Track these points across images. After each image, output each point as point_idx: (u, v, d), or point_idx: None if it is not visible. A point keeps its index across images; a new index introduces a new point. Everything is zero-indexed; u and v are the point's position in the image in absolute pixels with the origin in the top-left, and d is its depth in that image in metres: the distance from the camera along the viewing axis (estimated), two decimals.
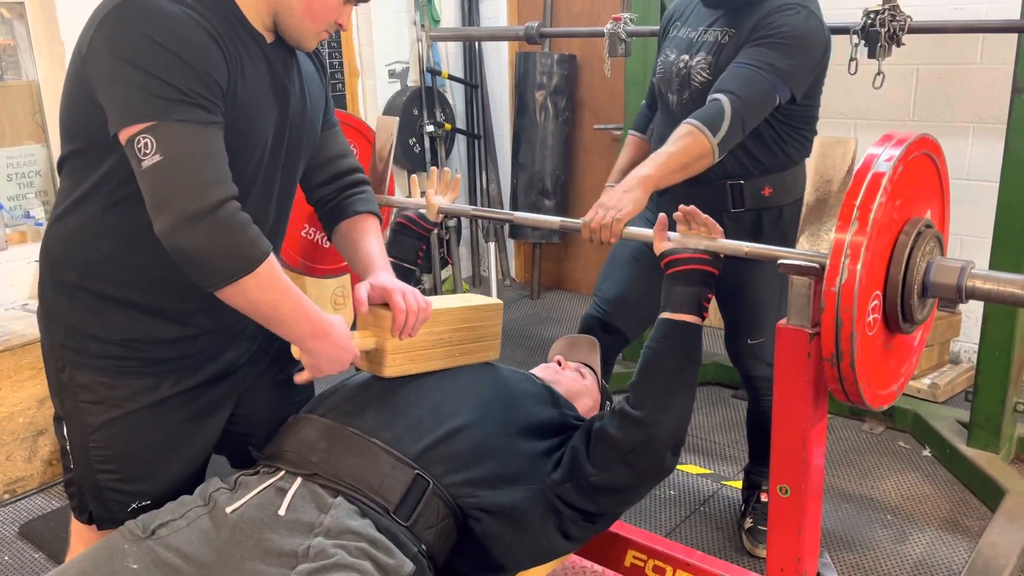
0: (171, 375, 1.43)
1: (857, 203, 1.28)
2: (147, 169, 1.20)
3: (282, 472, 1.40)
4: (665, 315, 1.56)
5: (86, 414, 1.41)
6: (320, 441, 1.44)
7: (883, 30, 2.43)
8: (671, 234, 1.63)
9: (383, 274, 1.56)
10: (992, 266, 2.58)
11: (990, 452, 2.68)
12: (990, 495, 2.54)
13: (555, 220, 1.84)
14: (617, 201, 1.74)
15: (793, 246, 1.97)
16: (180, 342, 1.43)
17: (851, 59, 2.47)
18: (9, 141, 3.11)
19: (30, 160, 3.16)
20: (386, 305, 1.50)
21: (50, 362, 1.44)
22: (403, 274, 1.69)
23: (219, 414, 1.52)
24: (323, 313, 1.40)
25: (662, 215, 1.62)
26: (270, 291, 1.30)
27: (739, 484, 2.75)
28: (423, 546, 1.37)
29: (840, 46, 3.00)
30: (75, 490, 1.49)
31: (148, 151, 1.19)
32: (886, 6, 2.45)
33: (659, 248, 1.61)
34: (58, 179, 1.43)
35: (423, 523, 1.38)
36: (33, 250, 3.09)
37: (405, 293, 1.50)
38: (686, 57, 2.06)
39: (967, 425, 2.77)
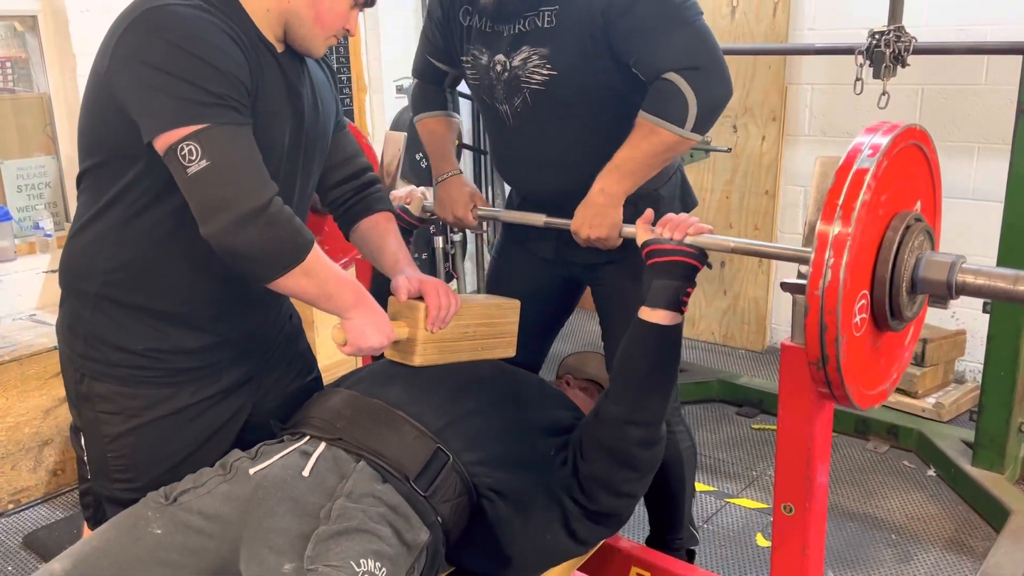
0: (190, 385, 1.45)
1: (841, 198, 1.23)
2: (194, 175, 1.21)
3: (307, 437, 1.44)
4: (642, 311, 1.51)
5: (104, 424, 1.43)
6: (345, 409, 1.48)
7: (888, 51, 2.45)
8: (627, 228, 1.62)
9: (410, 269, 1.62)
10: None
11: (995, 472, 2.67)
12: (995, 515, 2.53)
13: (540, 217, 1.79)
14: (599, 223, 1.66)
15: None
16: (201, 351, 1.45)
17: (856, 79, 2.49)
18: (20, 153, 3.13)
19: (40, 172, 3.18)
20: (419, 298, 1.57)
21: (69, 373, 1.46)
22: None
23: (235, 423, 1.53)
24: (363, 287, 1.46)
25: (649, 211, 1.58)
26: (318, 273, 1.34)
27: (743, 501, 2.74)
28: (439, 518, 1.40)
29: (845, 66, 3.02)
30: (91, 500, 1.51)
31: (194, 157, 1.21)
32: (891, 27, 2.46)
33: (641, 238, 1.57)
34: (68, 190, 1.45)
35: (440, 496, 1.41)
36: (42, 261, 3.11)
37: (439, 287, 1.57)
38: (501, 57, 1.73)
39: (972, 445, 2.76)
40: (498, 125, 1.84)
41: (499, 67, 1.74)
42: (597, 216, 1.66)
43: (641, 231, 1.57)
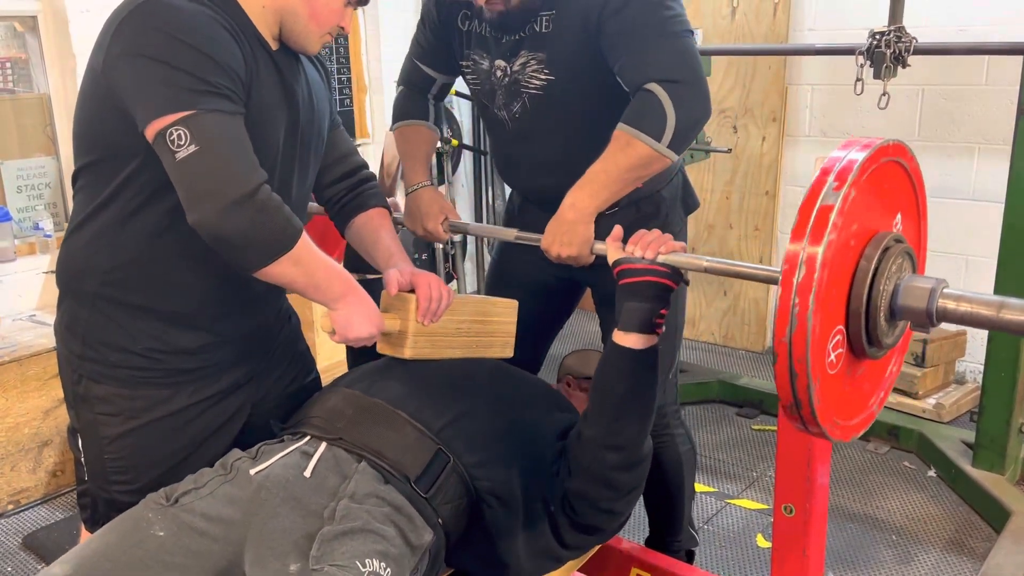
0: (189, 386, 1.45)
1: (804, 240, 1.15)
2: (182, 160, 1.21)
3: (308, 437, 1.44)
4: (615, 335, 1.46)
5: (102, 426, 1.42)
6: (346, 408, 1.47)
7: (889, 51, 2.45)
8: (598, 246, 1.57)
9: (403, 264, 1.62)
10: (997, 287, 2.58)
11: (995, 473, 2.67)
12: (995, 516, 2.53)
13: (511, 232, 1.77)
14: (568, 241, 1.60)
15: (681, 228, 1.89)
16: (201, 352, 1.44)
17: (857, 79, 2.49)
18: (20, 153, 3.14)
19: (40, 172, 3.18)
20: (410, 291, 1.56)
21: (66, 374, 1.45)
22: (366, 287, 1.64)
23: (233, 424, 1.53)
24: (352, 278, 1.45)
25: (617, 228, 1.53)
26: (307, 263, 1.33)
27: (744, 502, 2.74)
28: (440, 519, 1.39)
29: (846, 67, 3.02)
30: (88, 501, 1.50)
31: (182, 142, 1.20)
32: (892, 27, 2.46)
33: (611, 257, 1.51)
34: (68, 191, 1.44)
35: (441, 498, 1.40)
36: (42, 261, 3.11)
37: (431, 280, 1.56)
38: (502, 63, 1.72)
39: (972, 446, 2.76)
40: (498, 129, 1.84)
41: (500, 72, 1.73)
42: (567, 234, 1.61)
43: (611, 250, 1.51)
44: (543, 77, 1.68)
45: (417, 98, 1.96)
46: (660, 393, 1.88)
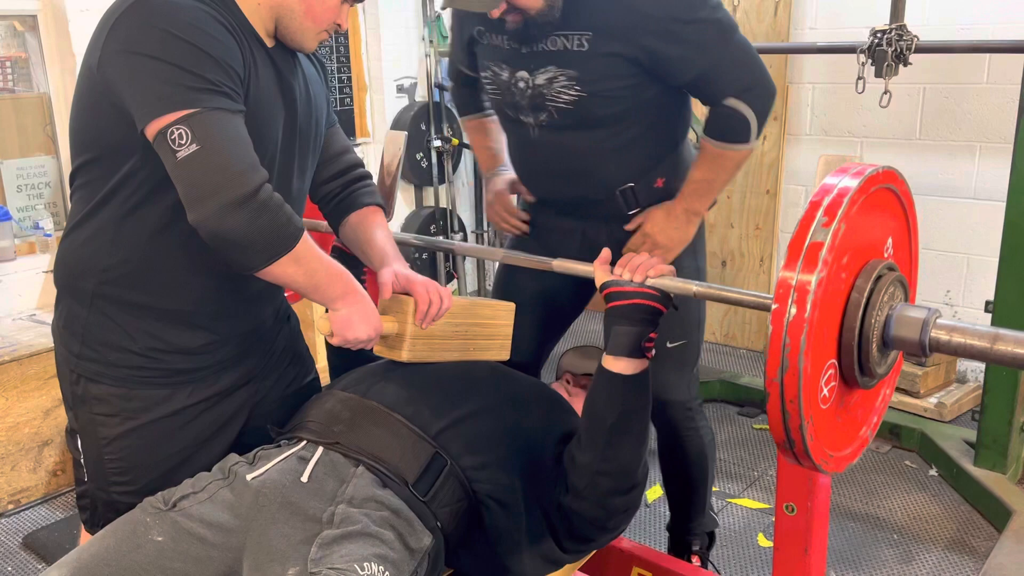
0: (187, 386, 1.44)
1: (795, 278, 1.13)
2: (183, 160, 1.20)
3: (304, 442, 1.43)
4: (605, 360, 1.44)
5: (101, 426, 1.42)
6: (343, 412, 1.46)
7: (890, 49, 2.45)
8: (582, 267, 1.56)
9: (398, 264, 1.59)
10: (999, 286, 2.58)
11: (997, 472, 2.66)
12: (997, 515, 2.53)
13: (499, 252, 1.78)
14: (678, 232, 1.82)
15: (699, 224, 1.92)
16: (200, 351, 1.43)
17: (858, 78, 2.49)
18: (20, 152, 3.14)
19: (40, 171, 3.18)
20: (407, 293, 1.55)
21: (64, 375, 1.44)
22: None
23: (233, 425, 1.52)
24: (353, 278, 1.44)
25: (605, 250, 1.52)
26: (307, 262, 1.32)
27: (745, 501, 2.74)
28: (438, 523, 1.39)
29: (847, 65, 3.02)
30: (88, 502, 1.49)
31: (183, 141, 1.19)
32: (893, 26, 2.46)
33: (599, 280, 1.48)
34: (67, 190, 1.43)
35: (440, 501, 1.39)
36: (42, 261, 3.11)
37: (427, 283, 1.55)
38: (524, 75, 1.74)
39: (974, 445, 2.75)
40: (522, 134, 1.85)
41: (522, 83, 1.75)
42: (674, 228, 1.81)
43: (599, 272, 1.48)
44: (573, 93, 1.70)
45: (467, 92, 2.05)
46: (685, 388, 1.97)
